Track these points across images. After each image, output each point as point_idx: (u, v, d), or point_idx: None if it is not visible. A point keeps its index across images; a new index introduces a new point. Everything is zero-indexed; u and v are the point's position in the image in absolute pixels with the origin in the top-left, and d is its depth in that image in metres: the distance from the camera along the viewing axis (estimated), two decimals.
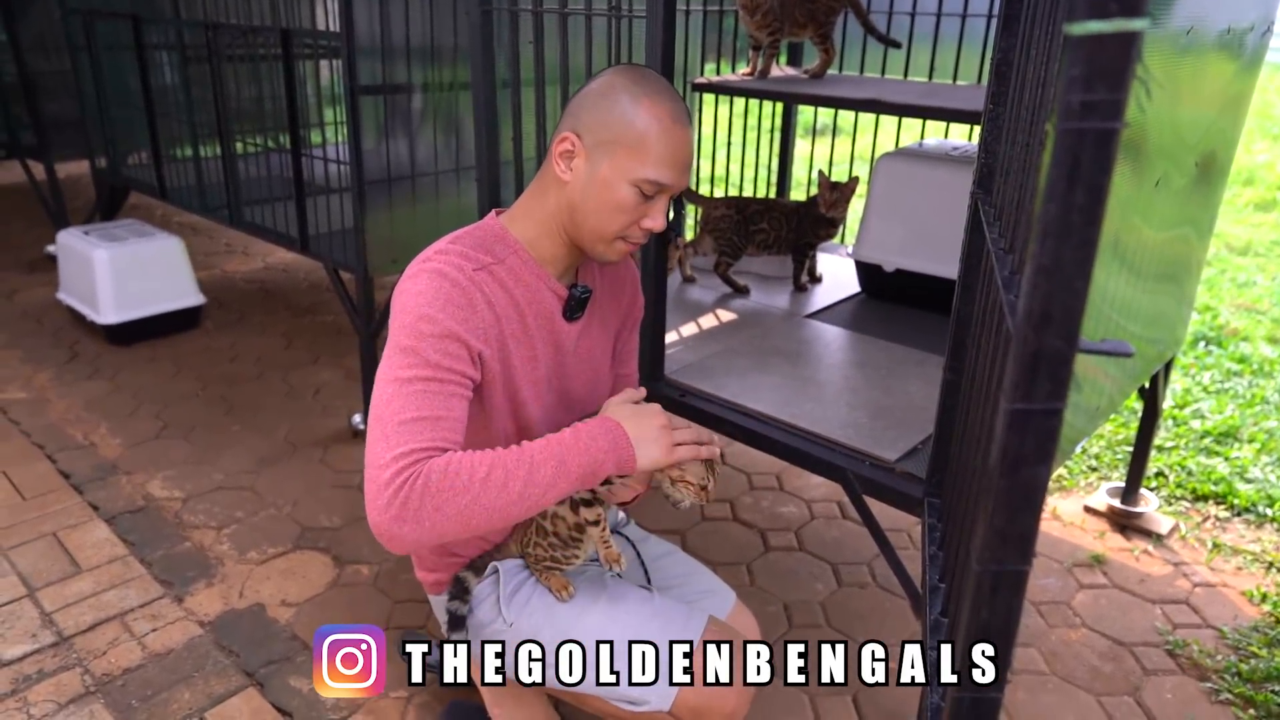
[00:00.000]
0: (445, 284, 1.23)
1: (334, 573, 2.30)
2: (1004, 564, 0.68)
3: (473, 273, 1.27)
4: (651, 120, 1.24)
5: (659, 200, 1.29)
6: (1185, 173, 1.77)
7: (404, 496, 1.10)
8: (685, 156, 1.28)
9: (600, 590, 1.45)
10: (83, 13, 3.81)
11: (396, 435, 1.14)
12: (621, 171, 1.25)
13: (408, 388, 1.17)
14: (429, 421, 1.16)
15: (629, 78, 1.27)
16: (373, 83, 2.64)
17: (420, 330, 1.20)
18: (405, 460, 1.12)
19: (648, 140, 1.24)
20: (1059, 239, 0.58)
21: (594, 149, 1.26)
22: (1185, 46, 1.46)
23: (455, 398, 1.21)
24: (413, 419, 1.15)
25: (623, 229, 1.29)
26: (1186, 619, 2.20)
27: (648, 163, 1.24)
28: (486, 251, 1.31)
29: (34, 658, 1.97)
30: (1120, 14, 0.53)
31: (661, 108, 1.25)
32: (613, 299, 1.52)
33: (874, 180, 2.51)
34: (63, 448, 2.86)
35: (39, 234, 4.94)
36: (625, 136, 1.24)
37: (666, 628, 1.38)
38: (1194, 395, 3.33)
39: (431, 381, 1.18)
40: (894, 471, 1.66)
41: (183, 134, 3.60)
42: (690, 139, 1.28)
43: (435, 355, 1.19)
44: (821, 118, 6.85)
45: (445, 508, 1.11)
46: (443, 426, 1.17)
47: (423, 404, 1.17)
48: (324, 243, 3.00)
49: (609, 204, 1.27)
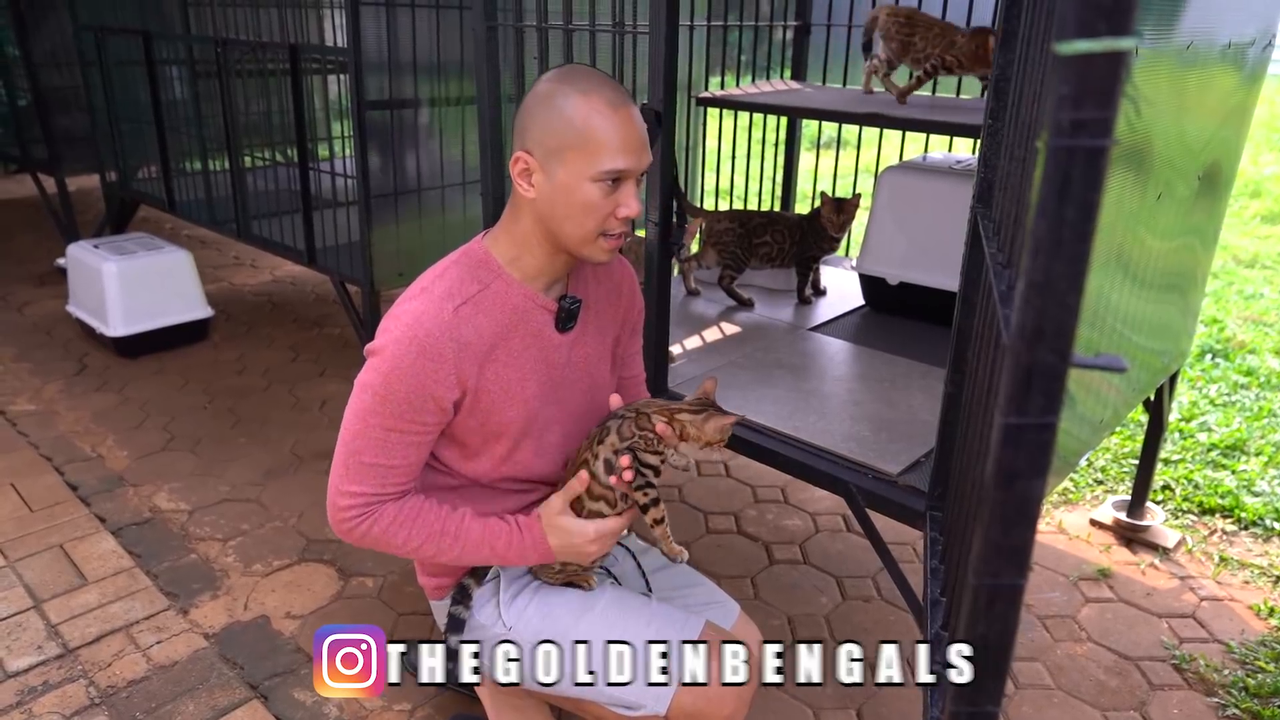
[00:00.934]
0: (418, 335, 1.27)
1: (338, 585, 2.30)
2: (1000, 578, 0.68)
3: (454, 311, 1.29)
4: (590, 113, 1.24)
5: (625, 186, 1.29)
6: (1189, 184, 1.77)
7: (353, 530, 1.31)
8: (634, 137, 1.27)
9: (599, 595, 1.46)
10: (95, 29, 3.85)
11: (358, 474, 1.29)
12: (578, 173, 1.26)
13: (374, 431, 1.29)
14: (383, 469, 1.30)
15: (558, 80, 1.28)
16: (380, 98, 2.66)
17: (391, 384, 1.27)
18: (359, 501, 1.30)
19: (592, 134, 1.24)
20: (1050, 255, 0.58)
21: (546, 160, 1.27)
22: (1187, 61, 1.47)
23: (414, 447, 1.32)
24: (373, 464, 1.29)
25: (600, 225, 1.30)
26: (1193, 633, 2.19)
27: (600, 155, 1.25)
28: (474, 280, 1.33)
29: (39, 669, 1.98)
30: (1109, 33, 0.54)
31: (596, 98, 1.25)
32: (609, 304, 1.51)
33: (877, 193, 2.52)
34: (70, 459, 2.88)
35: (49, 247, 4.98)
36: (571, 138, 1.25)
37: (663, 631, 1.38)
38: (1201, 408, 3.32)
39: (393, 432, 1.28)
40: (897, 485, 1.66)
41: (192, 148, 3.64)
42: (634, 118, 1.28)
43: (407, 409, 1.28)
44: (826, 131, 6.86)
45: (385, 547, 1.33)
46: (394, 474, 1.31)
47: (384, 452, 1.29)
48: (331, 256, 3.02)
49: (578, 207, 1.27)
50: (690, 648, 1.35)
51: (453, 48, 2.77)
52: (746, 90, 2.74)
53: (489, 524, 1.36)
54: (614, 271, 1.53)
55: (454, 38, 2.76)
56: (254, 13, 3.10)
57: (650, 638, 1.37)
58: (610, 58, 2.08)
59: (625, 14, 2.07)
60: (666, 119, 1.75)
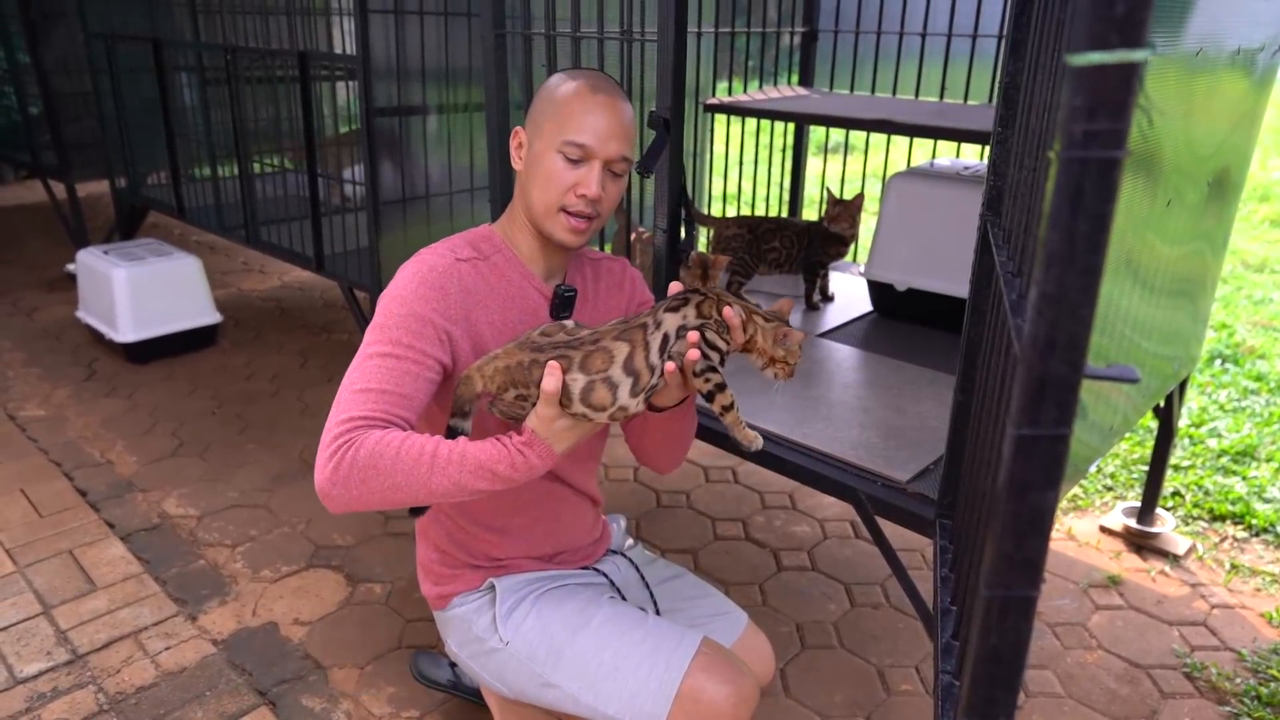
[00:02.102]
0: (422, 269, 1.33)
1: (346, 591, 2.31)
2: (1012, 589, 0.68)
3: (454, 262, 1.36)
4: (568, 91, 1.35)
5: (589, 167, 1.34)
6: (1199, 189, 1.77)
7: (338, 459, 1.17)
8: (605, 122, 1.33)
9: (595, 610, 1.46)
10: (105, 36, 3.87)
11: (349, 401, 1.22)
12: (548, 142, 1.34)
13: (371, 361, 1.25)
14: (378, 394, 1.22)
15: (565, 72, 1.41)
16: (388, 104, 2.67)
17: (390, 310, 1.29)
18: (347, 425, 1.19)
19: (565, 108, 1.33)
20: (1063, 266, 0.58)
21: (531, 133, 1.38)
22: (1196, 67, 1.46)
23: (411, 376, 1.25)
24: (364, 389, 1.23)
25: (559, 198, 1.35)
26: (1204, 641, 2.18)
27: (567, 127, 1.33)
28: (474, 249, 1.41)
29: (48, 675, 1.99)
30: (1121, 45, 0.53)
31: (580, 81, 1.36)
32: (611, 303, 1.53)
33: (886, 199, 2.52)
34: (80, 465, 2.89)
35: (59, 253, 5.00)
36: (548, 111, 1.35)
37: (658, 649, 1.38)
38: (1210, 414, 3.31)
39: (390, 357, 1.25)
40: (906, 492, 1.65)
41: (201, 154, 3.65)
42: (613, 107, 1.34)
43: (399, 333, 1.27)
44: (833, 136, 6.86)
45: (369, 481, 1.16)
46: (389, 399, 1.22)
47: (379, 377, 1.24)
48: (339, 262, 3.03)
49: (542, 175, 1.35)
50: (685, 665, 1.35)
51: (461, 55, 2.78)
52: (754, 96, 2.74)
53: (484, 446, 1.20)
54: (615, 270, 1.57)
55: (462, 45, 2.76)
56: (263, 20, 3.12)
57: (644, 655, 1.37)
58: (618, 65, 2.08)
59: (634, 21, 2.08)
60: (675, 126, 1.75)
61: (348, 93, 3.30)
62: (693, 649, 1.38)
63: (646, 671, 1.36)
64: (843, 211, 2.52)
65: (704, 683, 1.34)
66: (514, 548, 1.53)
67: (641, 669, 1.36)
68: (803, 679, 2.05)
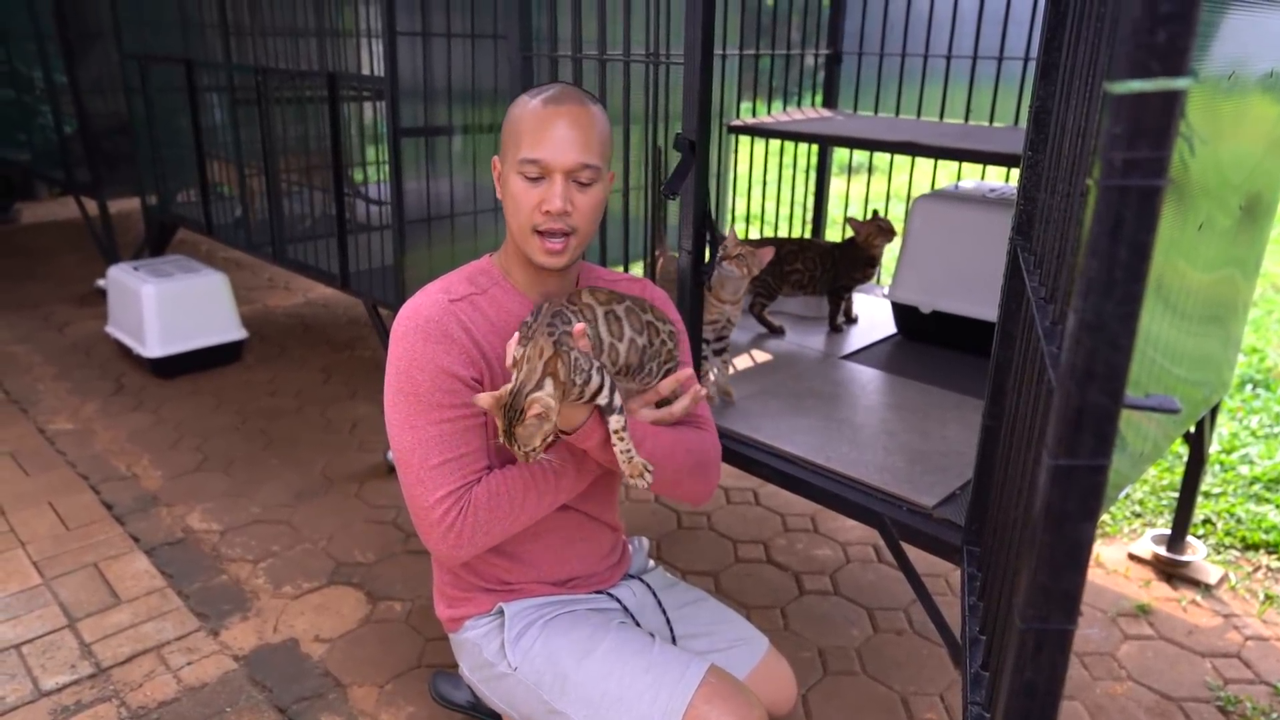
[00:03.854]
0: (420, 323, 1.32)
1: (367, 609, 2.31)
2: (1048, 622, 0.67)
3: (449, 304, 1.35)
4: (525, 110, 1.32)
5: (549, 182, 1.30)
6: (1230, 214, 1.75)
7: (457, 529, 1.29)
8: (561, 132, 1.29)
9: (602, 637, 1.45)
10: (139, 57, 3.95)
11: (433, 479, 1.29)
12: (510, 164, 1.33)
13: (424, 432, 1.29)
14: (455, 461, 1.30)
15: (526, 91, 1.38)
16: (414, 125, 2.70)
17: (414, 377, 1.30)
18: (449, 501, 1.29)
19: (521, 127, 1.31)
20: (1103, 295, 0.58)
21: (503, 160, 1.36)
22: (1227, 91, 1.45)
23: (468, 430, 1.31)
24: (440, 462, 1.29)
25: (529, 219, 1.32)
26: (1238, 674, 2.13)
27: (522, 145, 1.30)
28: (470, 283, 1.40)
29: (72, 689, 1.99)
30: (1163, 73, 0.53)
31: (539, 98, 1.32)
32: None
33: (910, 221, 2.51)
34: (106, 479, 2.91)
35: (90, 268, 5.08)
36: (510, 134, 1.33)
37: (661, 679, 1.36)
38: (1242, 440, 3.25)
39: (443, 423, 1.29)
40: (931, 518, 1.63)
41: (230, 173, 3.70)
42: (569, 115, 1.29)
43: (435, 395, 1.29)
44: (857, 156, 6.86)
45: (493, 529, 1.31)
46: (468, 461, 1.31)
47: (444, 447, 1.29)
48: (364, 280, 3.05)
49: (510, 199, 1.34)
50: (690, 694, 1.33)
51: (486, 76, 2.81)
52: (778, 118, 2.75)
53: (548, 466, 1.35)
54: (634, 290, 1.54)
55: (488, 66, 2.79)
56: (293, 42, 3.16)
57: (649, 684, 1.36)
58: (643, 86, 2.09)
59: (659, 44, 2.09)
60: (701, 148, 1.76)
61: (375, 112, 3.34)
62: (697, 678, 1.36)
63: (650, 700, 1.34)
64: (876, 229, 2.51)
65: (708, 713, 1.32)
66: (525, 573, 1.52)
67: (645, 697, 1.35)
68: (825, 706, 2.02)
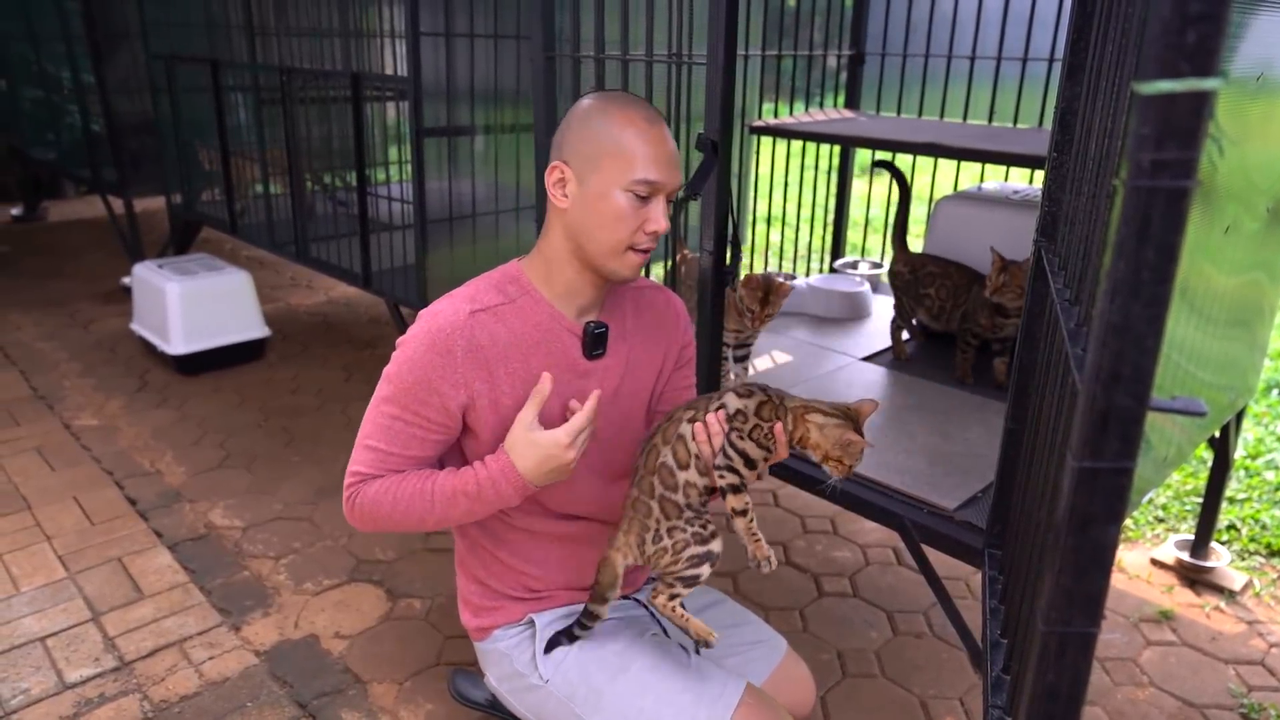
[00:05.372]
0: (432, 329, 1.32)
1: (386, 606, 2.32)
2: (1071, 625, 0.66)
3: (469, 316, 1.32)
4: (626, 125, 1.28)
5: (655, 201, 1.31)
6: (1257, 217, 1.73)
7: (350, 504, 1.36)
8: (667, 151, 1.30)
9: (638, 653, 1.43)
10: (165, 57, 3.99)
11: (359, 456, 1.35)
12: (611, 181, 1.28)
13: (380, 419, 1.34)
14: (382, 454, 1.34)
15: (598, 98, 1.34)
16: (437, 125, 2.71)
17: (402, 373, 1.32)
18: (355, 479, 1.35)
19: (628, 144, 1.28)
20: (1129, 297, 0.57)
21: (581, 169, 1.30)
22: (1255, 92, 1.43)
23: (415, 439, 1.34)
24: (371, 446, 1.34)
25: (628, 237, 1.31)
26: (1262, 681, 2.11)
27: (634, 164, 1.28)
28: (498, 292, 1.37)
29: (95, 682, 2.02)
30: (1192, 74, 0.53)
31: (633, 112, 1.30)
32: (651, 336, 1.49)
33: (933, 223, 2.50)
34: (130, 474, 2.95)
35: (116, 266, 5.14)
36: (607, 147, 1.28)
37: (699, 699, 1.35)
38: (1267, 445, 3.21)
39: (397, 420, 1.33)
40: (953, 520, 1.62)
41: (254, 172, 3.74)
42: (668, 136, 1.31)
43: (406, 398, 1.32)
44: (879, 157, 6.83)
45: (379, 520, 1.35)
46: (391, 460, 1.34)
47: (384, 437, 1.33)
48: (386, 279, 3.07)
49: (608, 215, 1.29)
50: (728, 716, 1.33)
51: (509, 76, 2.82)
52: (800, 119, 2.74)
53: (461, 471, 1.33)
54: (658, 303, 1.52)
55: (510, 67, 2.80)
56: (317, 42, 3.19)
57: (686, 704, 1.34)
58: (666, 87, 2.10)
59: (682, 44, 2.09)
60: (723, 149, 1.76)
61: (397, 112, 3.36)
62: (735, 699, 1.35)
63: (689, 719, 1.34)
64: (1009, 281, 2.10)
65: None
66: (552, 580, 1.51)
67: (683, 716, 1.34)
68: (844, 708, 2.01)
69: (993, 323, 2.20)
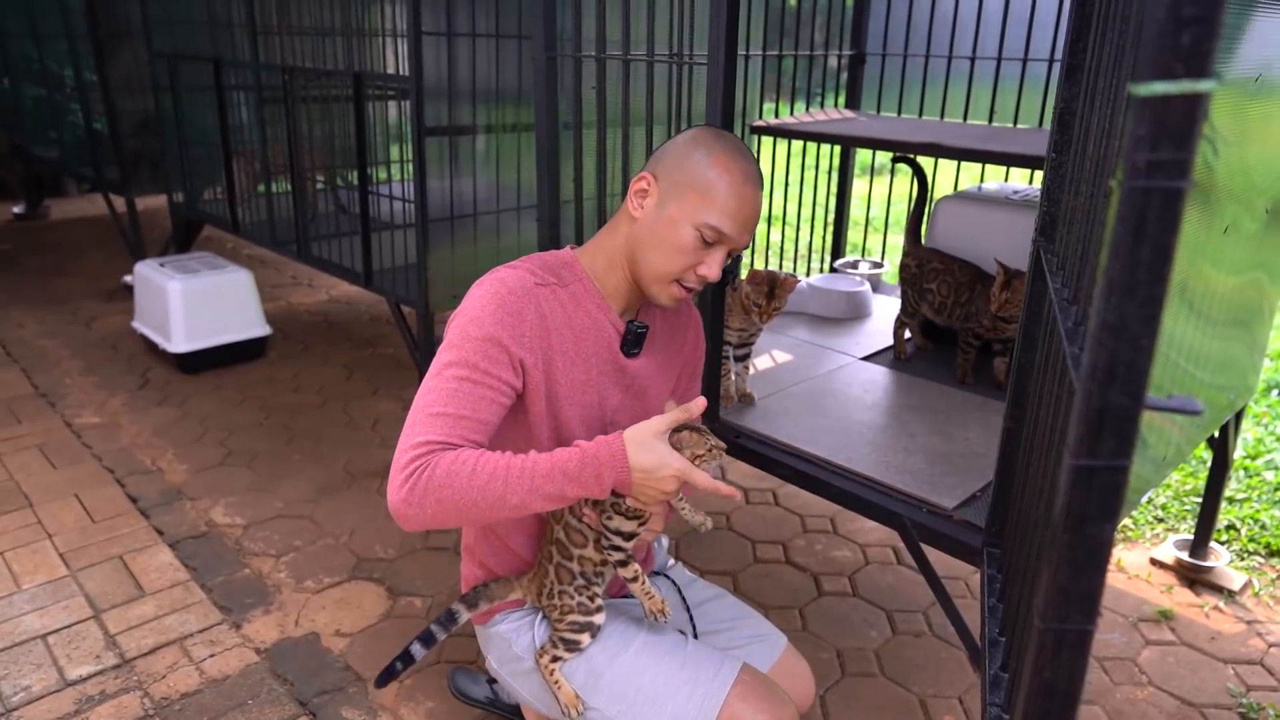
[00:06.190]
0: (501, 290, 1.30)
1: (387, 604, 2.33)
2: (1068, 623, 0.67)
3: (533, 285, 1.33)
4: (723, 172, 1.30)
5: (717, 250, 1.33)
6: (1256, 217, 1.73)
7: (413, 482, 1.17)
8: (750, 213, 1.32)
9: (635, 634, 1.46)
10: (168, 56, 4.00)
11: (423, 425, 1.21)
12: (687, 214, 1.30)
13: (445, 384, 1.24)
14: (453, 418, 1.22)
15: (712, 135, 1.35)
16: (438, 124, 2.72)
17: (467, 332, 1.27)
18: (422, 449, 1.19)
19: (716, 189, 1.29)
20: (1124, 296, 0.58)
21: (667, 190, 1.32)
22: (1254, 93, 1.43)
23: (486, 400, 1.25)
24: (439, 413, 1.22)
25: (680, 271, 1.34)
26: (1261, 681, 2.11)
27: (713, 209, 1.30)
28: (553, 274, 1.38)
29: (97, 679, 2.03)
30: (1187, 75, 0.53)
31: (736, 164, 1.31)
32: (673, 341, 1.53)
33: (933, 223, 2.50)
34: (132, 472, 2.95)
35: (118, 264, 5.15)
36: (696, 182, 1.30)
37: (696, 676, 1.37)
38: (1267, 445, 3.22)
39: (465, 381, 1.24)
40: (952, 519, 1.63)
41: (256, 170, 3.74)
42: (758, 201, 1.33)
43: (475, 356, 1.25)
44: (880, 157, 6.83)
45: (445, 501, 1.17)
46: (464, 424, 1.23)
47: (452, 401, 1.23)
48: (387, 278, 3.08)
49: (670, 243, 1.32)
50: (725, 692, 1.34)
51: (510, 76, 2.82)
52: (801, 119, 2.74)
53: (558, 450, 1.23)
54: (681, 314, 1.56)
55: (512, 66, 2.81)
56: (320, 42, 3.19)
57: (683, 682, 1.37)
58: (667, 87, 2.10)
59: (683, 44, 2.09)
60: None
61: (399, 112, 3.37)
62: (732, 676, 1.37)
63: (685, 698, 1.36)
64: (1013, 297, 2.09)
65: (743, 711, 1.34)
66: None
67: (680, 695, 1.36)
68: (843, 707, 2.02)
69: (995, 325, 2.22)
